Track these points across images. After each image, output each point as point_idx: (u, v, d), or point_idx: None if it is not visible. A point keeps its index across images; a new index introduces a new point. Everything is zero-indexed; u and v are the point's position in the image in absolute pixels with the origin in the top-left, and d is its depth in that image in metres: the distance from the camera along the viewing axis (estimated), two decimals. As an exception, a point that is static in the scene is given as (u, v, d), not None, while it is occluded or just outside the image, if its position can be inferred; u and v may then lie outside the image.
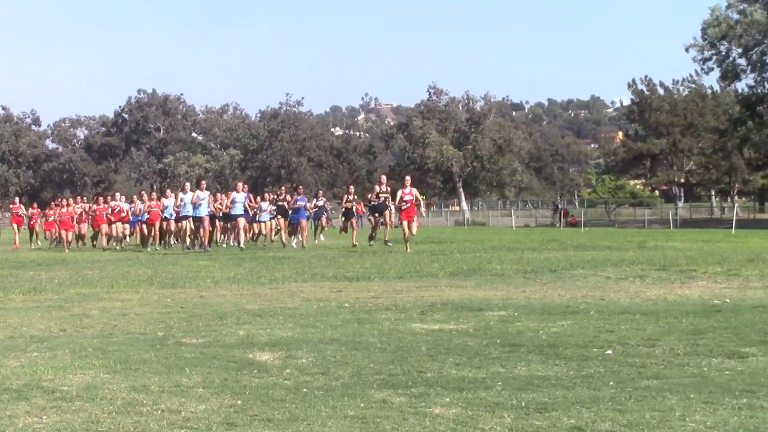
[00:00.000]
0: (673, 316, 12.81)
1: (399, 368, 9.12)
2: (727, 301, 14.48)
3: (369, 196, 35.50)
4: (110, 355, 10.20)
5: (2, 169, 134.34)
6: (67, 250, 37.72)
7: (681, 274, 19.13)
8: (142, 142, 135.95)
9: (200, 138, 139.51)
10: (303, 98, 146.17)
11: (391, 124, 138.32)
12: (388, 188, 32.50)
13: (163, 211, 37.72)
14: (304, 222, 36.71)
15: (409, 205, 29.05)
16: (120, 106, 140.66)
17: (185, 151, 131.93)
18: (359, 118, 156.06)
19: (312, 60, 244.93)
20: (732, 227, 57.19)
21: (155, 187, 42.16)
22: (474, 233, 37.77)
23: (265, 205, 37.33)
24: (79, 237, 41.82)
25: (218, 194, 37.78)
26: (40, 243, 43.38)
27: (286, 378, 8.72)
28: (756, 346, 10.04)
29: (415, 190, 28.98)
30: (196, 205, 34.05)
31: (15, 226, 45.15)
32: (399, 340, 11.03)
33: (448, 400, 7.63)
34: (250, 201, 36.04)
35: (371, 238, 34.57)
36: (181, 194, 35.34)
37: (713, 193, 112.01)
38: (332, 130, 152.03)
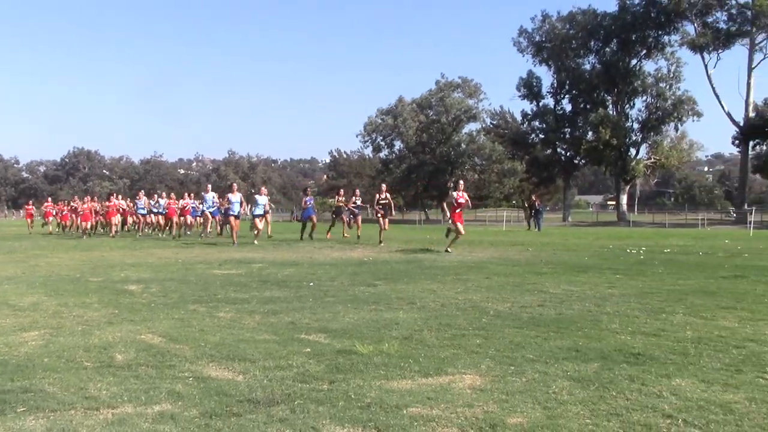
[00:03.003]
0: (344, 266, 12.94)
1: (204, 293, 8.87)
2: (371, 258, 14.74)
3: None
4: (48, 286, 9.55)
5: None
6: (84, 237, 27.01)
7: (351, 245, 19.35)
8: (76, 174, 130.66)
9: (107, 173, 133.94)
10: (163, 153, 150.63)
11: (210, 168, 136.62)
12: (388, 195, 21.98)
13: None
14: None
15: (461, 208, 17.74)
16: (63, 155, 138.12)
17: (98, 179, 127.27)
18: (193, 164, 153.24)
19: (168, 131, 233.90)
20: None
21: (86, 200, 37.63)
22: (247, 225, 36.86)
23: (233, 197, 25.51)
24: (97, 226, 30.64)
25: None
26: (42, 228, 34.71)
27: (143, 299, 8.36)
28: (382, 281, 10.24)
29: (466, 194, 18.12)
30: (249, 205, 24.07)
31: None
32: (206, 279, 10.73)
33: (228, 309, 7.49)
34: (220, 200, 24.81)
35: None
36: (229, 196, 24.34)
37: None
38: (179, 170, 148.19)
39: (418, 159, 69.51)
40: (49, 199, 38.50)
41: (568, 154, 64.33)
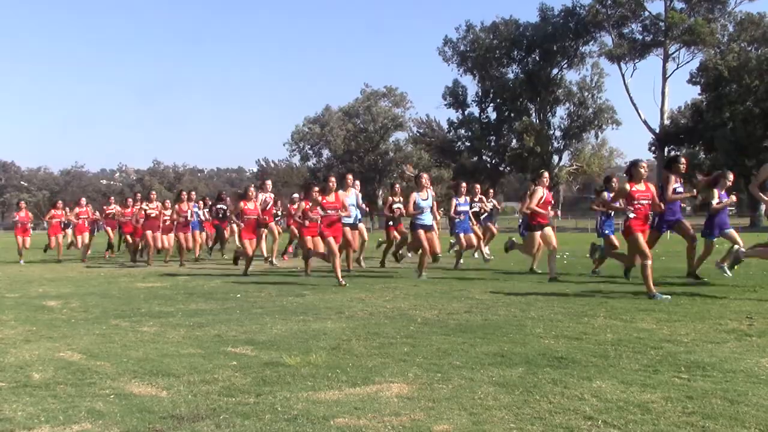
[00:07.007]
0: (272, 276, 12.85)
1: (127, 307, 8.66)
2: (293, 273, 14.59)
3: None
4: (-40, 305, 9.14)
5: None
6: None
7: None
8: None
9: (25, 184, 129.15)
10: (84, 163, 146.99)
11: (134, 179, 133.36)
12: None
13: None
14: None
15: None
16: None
17: (16, 191, 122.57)
18: (116, 175, 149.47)
19: (89, 140, 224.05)
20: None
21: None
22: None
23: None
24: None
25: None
26: None
27: (63, 315, 8.09)
28: (310, 290, 10.20)
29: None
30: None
31: None
32: (129, 292, 10.47)
33: (152, 323, 7.31)
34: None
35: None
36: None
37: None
38: (101, 181, 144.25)
39: (347, 167, 69.60)
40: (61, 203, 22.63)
41: (494, 161, 65.50)
